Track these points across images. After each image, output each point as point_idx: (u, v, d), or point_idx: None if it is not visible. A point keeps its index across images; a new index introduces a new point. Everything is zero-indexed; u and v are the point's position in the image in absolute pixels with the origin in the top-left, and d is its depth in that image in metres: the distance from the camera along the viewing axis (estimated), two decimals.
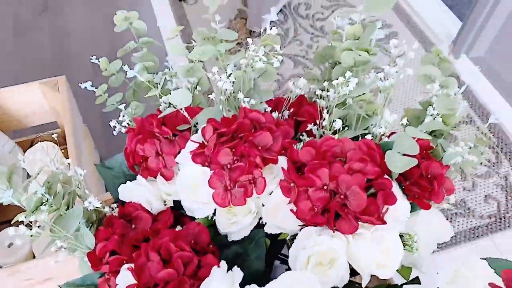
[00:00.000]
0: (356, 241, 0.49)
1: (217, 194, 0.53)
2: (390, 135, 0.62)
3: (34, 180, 0.57)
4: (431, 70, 0.61)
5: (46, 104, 1.22)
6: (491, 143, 1.60)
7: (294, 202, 0.50)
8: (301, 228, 0.53)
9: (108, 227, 0.59)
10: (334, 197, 0.49)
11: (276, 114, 0.65)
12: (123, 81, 0.71)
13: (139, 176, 0.63)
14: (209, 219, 0.59)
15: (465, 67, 1.84)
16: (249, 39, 0.60)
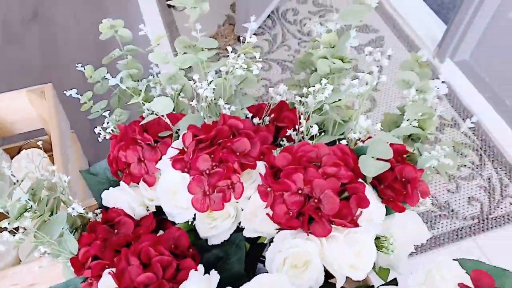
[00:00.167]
0: (330, 244, 0.50)
1: (196, 200, 0.54)
2: (367, 140, 0.63)
3: (19, 187, 0.58)
4: (409, 76, 0.63)
5: (34, 111, 1.23)
6: (475, 146, 1.63)
7: (271, 206, 0.52)
8: (278, 232, 0.54)
9: (92, 233, 0.60)
10: (309, 201, 0.50)
11: (257, 120, 0.66)
12: (109, 88, 0.72)
13: (122, 182, 0.64)
14: (189, 224, 0.60)
15: (450, 71, 1.86)
16: (229, 47, 0.62)
